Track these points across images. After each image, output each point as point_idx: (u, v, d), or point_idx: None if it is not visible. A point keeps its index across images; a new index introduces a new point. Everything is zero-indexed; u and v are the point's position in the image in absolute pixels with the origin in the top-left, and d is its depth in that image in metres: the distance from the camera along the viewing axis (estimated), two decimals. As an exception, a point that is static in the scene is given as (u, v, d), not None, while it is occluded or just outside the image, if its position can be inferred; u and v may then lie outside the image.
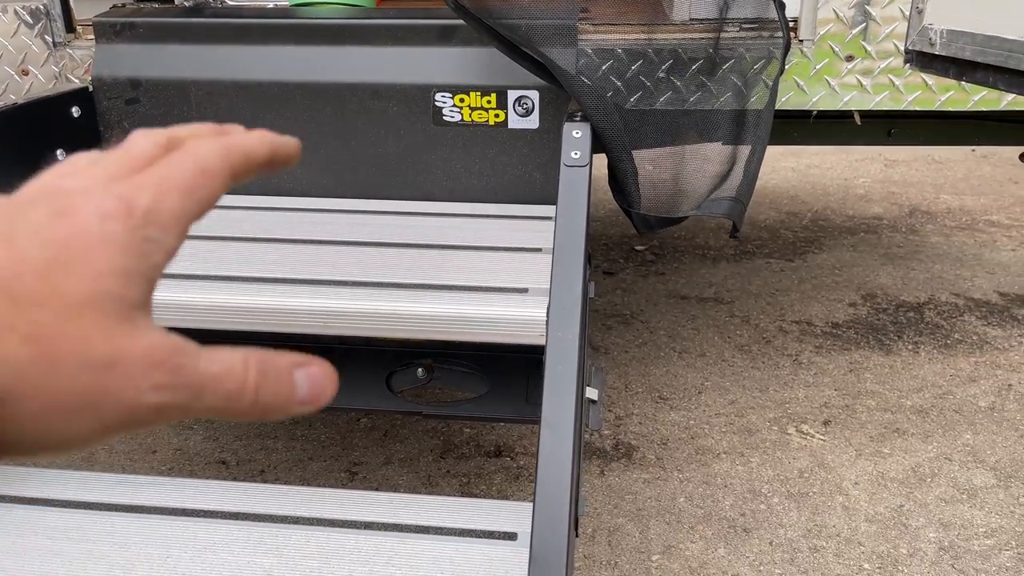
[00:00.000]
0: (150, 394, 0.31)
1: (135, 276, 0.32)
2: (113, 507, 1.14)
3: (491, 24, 1.25)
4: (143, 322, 0.32)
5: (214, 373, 0.33)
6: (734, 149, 1.29)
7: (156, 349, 0.31)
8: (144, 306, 0.32)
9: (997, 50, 1.01)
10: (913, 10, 1.16)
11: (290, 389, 0.35)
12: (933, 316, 2.40)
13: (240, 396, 0.33)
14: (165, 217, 0.33)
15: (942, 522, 1.56)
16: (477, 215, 1.43)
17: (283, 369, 0.35)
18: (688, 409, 1.93)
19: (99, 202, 0.32)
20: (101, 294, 0.31)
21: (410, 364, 1.38)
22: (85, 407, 0.30)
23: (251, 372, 0.34)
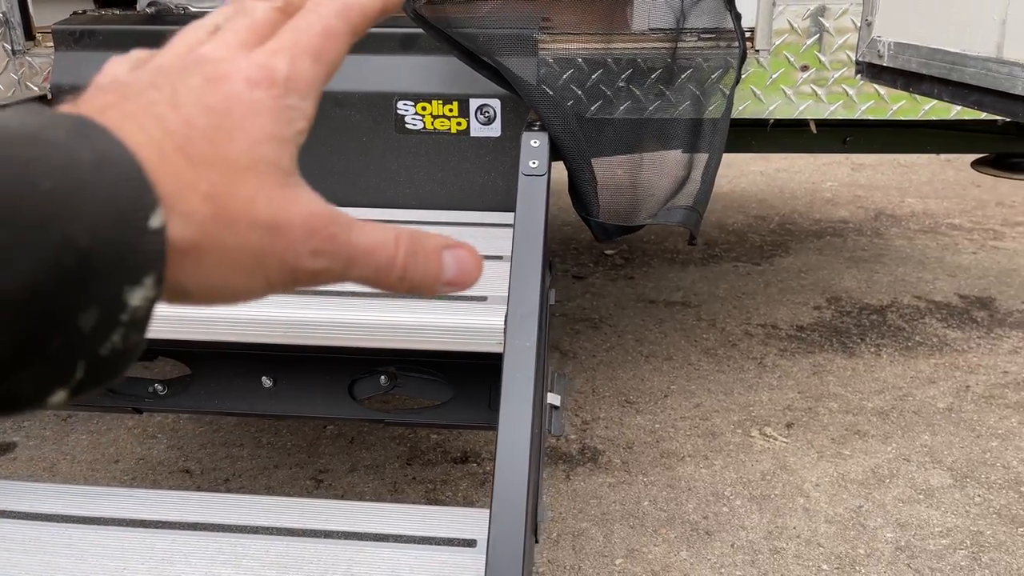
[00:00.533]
0: (308, 259, 0.33)
1: (285, 142, 0.34)
2: (71, 519, 1.13)
3: (450, 34, 1.26)
4: (300, 189, 0.34)
5: (365, 246, 0.34)
6: (691, 157, 1.31)
7: (314, 217, 0.33)
8: (295, 172, 0.34)
9: (940, 62, 1.04)
10: (863, 22, 1.18)
11: (438, 268, 0.36)
12: (895, 319, 2.44)
13: (389, 271, 0.35)
14: (302, 84, 0.35)
15: (899, 522, 1.59)
16: (439, 222, 1.44)
17: (431, 250, 0.36)
18: (654, 413, 1.95)
19: (245, 71, 0.33)
20: (259, 160, 0.33)
21: (372, 372, 1.39)
22: (255, 264, 0.32)
23: (401, 249, 0.35)
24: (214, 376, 1.39)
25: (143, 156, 0.30)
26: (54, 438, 1.87)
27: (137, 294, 0.28)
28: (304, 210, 0.33)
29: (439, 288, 0.37)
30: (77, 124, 0.29)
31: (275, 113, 0.33)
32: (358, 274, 0.35)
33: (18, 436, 1.88)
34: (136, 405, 1.40)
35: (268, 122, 0.33)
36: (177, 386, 1.41)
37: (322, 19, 0.37)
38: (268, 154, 0.33)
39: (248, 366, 1.38)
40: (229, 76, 0.33)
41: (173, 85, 0.33)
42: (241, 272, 0.32)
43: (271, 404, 1.38)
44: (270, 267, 0.32)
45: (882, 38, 1.15)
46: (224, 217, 0.31)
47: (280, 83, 0.34)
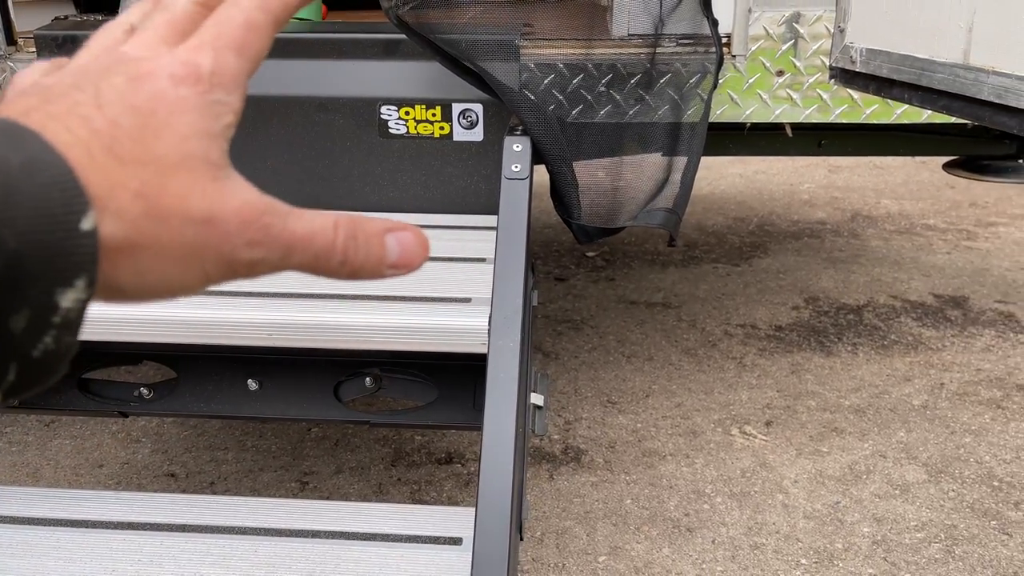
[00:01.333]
0: (244, 249, 0.33)
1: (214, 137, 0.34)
2: (58, 522, 1.14)
3: (432, 39, 1.28)
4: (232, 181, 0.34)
5: (303, 233, 0.34)
6: (670, 160, 1.34)
7: (247, 207, 0.33)
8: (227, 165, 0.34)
9: (911, 68, 1.07)
10: (836, 29, 1.21)
11: (380, 251, 0.36)
12: (872, 318, 2.49)
13: (329, 256, 0.35)
14: (227, 78, 0.35)
15: (876, 517, 1.63)
16: (423, 225, 1.46)
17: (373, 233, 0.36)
18: (636, 412, 1.98)
19: (169, 68, 0.33)
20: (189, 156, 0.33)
21: (357, 373, 1.40)
22: (190, 258, 0.32)
23: (340, 234, 0.35)
24: (200, 379, 1.40)
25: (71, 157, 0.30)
26: (37, 443, 1.87)
27: (69, 296, 0.28)
28: (237, 202, 0.33)
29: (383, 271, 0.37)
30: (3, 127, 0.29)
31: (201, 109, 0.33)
32: (297, 261, 0.35)
33: (0, 441, 1.88)
34: (122, 409, 1.41)
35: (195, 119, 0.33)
36: (163, 389, 1.41)
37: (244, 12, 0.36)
38: (197, 150, 0.33)
39: (233, 369, 1.38)
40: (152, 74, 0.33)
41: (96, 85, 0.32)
42: (177, 267, 0.32)
43: (257, 407, 1.39)
44: (207, 260, 0.33)
45: (854, 44, 1.18)
46: (156, 214, 0.31)
47: (205, 79, 0.34)
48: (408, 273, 0.37)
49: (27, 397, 0.30)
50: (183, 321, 1.15)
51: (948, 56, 1.02)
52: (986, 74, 0.98)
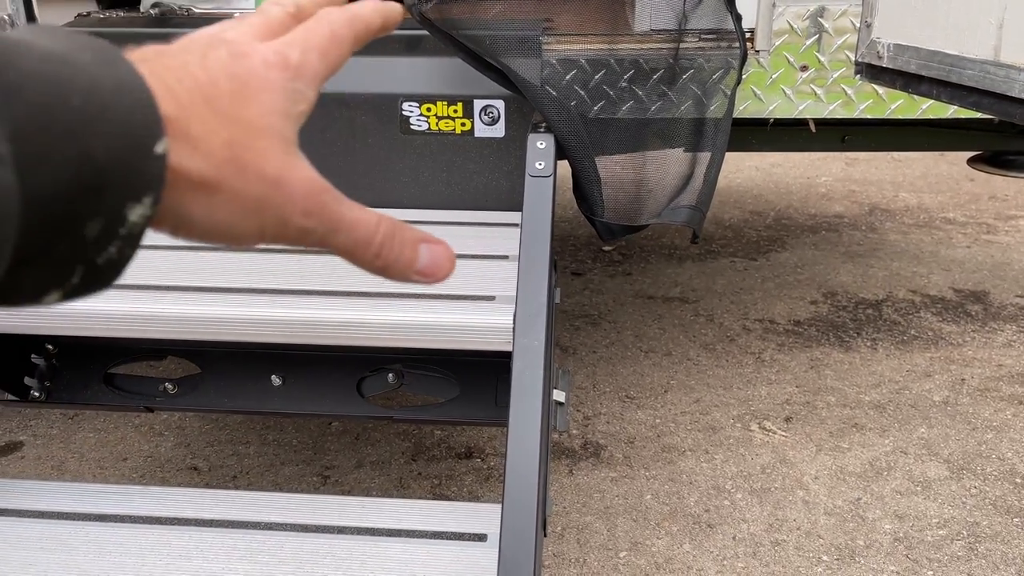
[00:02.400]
0: (300, 216, 0.37)
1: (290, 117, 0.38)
2: (88, 516, 1.15)
3: (456, 36, 1.28)
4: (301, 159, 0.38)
5: (350, 219, 0.38)
6: (694, 156, 1.33)
7: (311, 182, 0.37)
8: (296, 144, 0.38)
9: (939, 64, 1.06)
10: (862, 24, 1.20)
11: (412, 256, 0.40)
12: (891, 313, 2.47)
13: (367, 246, 0.39)
14: (308, 73, 0.39)
15: (897, 514, 1.62)
16: (445, 222, 1.46)
17: (409, 239, 0.40)
18: (654, 408, 1.98)
19: (263, 54, 0.38)
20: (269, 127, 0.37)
21: (380, 369, 1.41)
22: (255, 210, 0.36)
23: (381, 230, 0.39)
24: (224, 375, 1.41)
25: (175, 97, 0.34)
26: (61, 436, 1.89)
27: (136, 211, 0.32)
28: (304, 175, 0.37)
29: (410, 275, 0.41)
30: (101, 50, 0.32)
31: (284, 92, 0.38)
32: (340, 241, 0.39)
33: (25, 435, 1.90)
34: (147, 404, 1.42)
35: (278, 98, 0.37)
36: (187, 385, 1.42)
37: (331, 25, 0.41)
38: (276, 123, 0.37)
39: (257, 364, 1.39)
40: (249, 55, 0.37)
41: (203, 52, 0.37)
42: (242, 215, 0.36)
43: (280, 402, 1.40)
44: (267, 216, 0.36)
45: (881, 39, 1.18)
46: (238, 163, 0.35)
47: (292, 68, 0.38)
48: (432, 283, 0.41)
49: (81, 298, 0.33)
50: (208, 318, 1.16)
51: (978, 52, 1.01)
52: (1017, 71, 0.97)
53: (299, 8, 0.43)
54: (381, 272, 0.40)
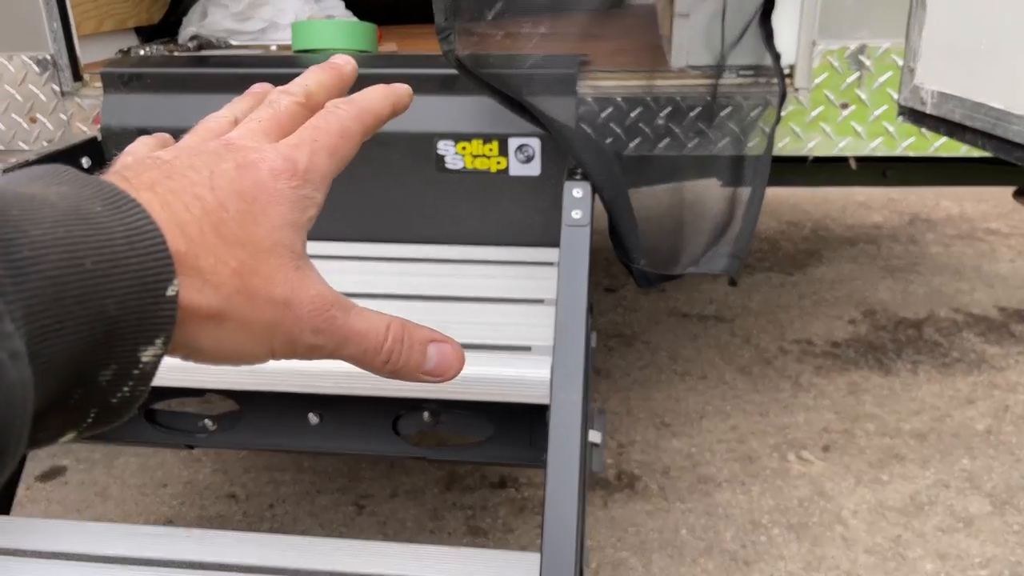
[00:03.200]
0: (309, 334, 0.37)
1: (299, 228, 0.38)
2: (129, 560, 1.17)
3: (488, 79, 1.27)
4: (310, 272, 0.38)
5: (359, 330, 0.39)
6: (731, 199, 1.32)
7: (319, 298, 0.38)
8: (306, 256, 0.39)
9: (985, 117, 1.04)
10: (905, 68, 1.18)
11: (420, 359, 0.41)
12: (932, 333, 2.43)
13: (375, 355, 0.39)
14: (317, 176, 0.39)
15: (939, 552, 1.60)
16: (479, 260, 1.46)
17: (417, 341, 0.41)
18: (690, 435, 1.96)
19: (271, 162, 0.38)
20: (278, 243, 0.37)
21: (416, 408, 1.42)
22: (264, 334, 0.37)
23: (390, 336, 0.40)
24: (262, 413, 1.43)
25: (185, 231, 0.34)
26: (104, 461, 1.92)
27: (148, 352, 0.32)
28: (312, 292, 0.37)
29: (419, 376, 0.41)
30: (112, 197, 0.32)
31: (293, 202, 0.37)
32: (349, 353, 0.39)
33: (68, 460, 1.94)
34: (187, 441, 1.44)
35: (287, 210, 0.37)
36: (226, 422, 1.44)
37: (340, 120, 0.41)
38: (285, 239, 0.37)
39: (295, 403, 1.41)
40: (256, 164, 0.37)
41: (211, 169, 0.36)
42: (252, 339, 0.36)
43: (317, 441, 1.41)
44: (276, 338, 0.37)
45: (924, 86, 1.15)
46: (247, 291, 0.35)
47: (300, 174, 0.38)
48: (440, 382, 0.42)
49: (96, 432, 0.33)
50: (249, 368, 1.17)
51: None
52: (1069, 129, 0.94)
53: (308, 96, 0.43)
54: (391, 376, 0.41)
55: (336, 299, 0.39)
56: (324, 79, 0.45)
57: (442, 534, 1.68)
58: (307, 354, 0.38)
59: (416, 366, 0.41)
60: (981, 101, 1.05)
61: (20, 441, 0.27)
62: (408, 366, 0.40)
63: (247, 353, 0.37)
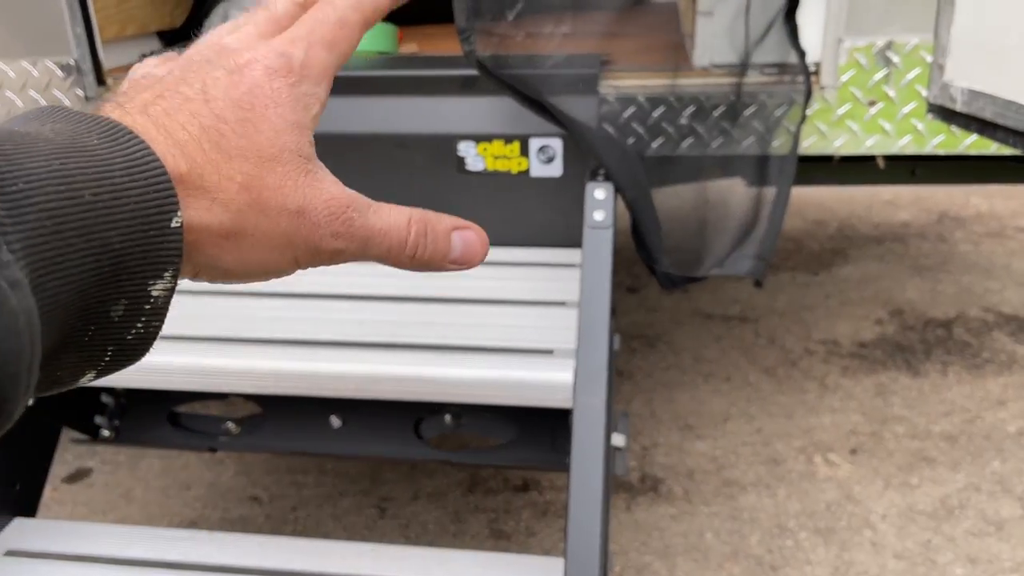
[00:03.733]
0: (329, 239, 0.37)
1: (303, 129, 0.37)
2: (152, 563, 1.18)
3: (510, 80, 1.26)
4: (321, 173, 0.37)
5: (380, 228, 0.38)
6: (756, 200, 1.30)
7: (334, 201, 0.37)
8: (315, 156, 0.37)
9: (1016, 115, 1.01)
10: (934, 65, 1.15)
11: (446, 248, 0.40)
12: (962, 333, 2.39)
13: (401, 250, 0.39)
14: (316, 71, 0.38)
15: (969, 557, 1.57)
16: (501, 262, 1.45)
17: (442, 231, 0.40)
18: (714, 438, 1.94)
19: (264, 60, 0.36)
20: (284, 149, 0.36)
21: (438, 411, 1.41)
22: (284, 245, 0.36)
23: (412, 230, 0.39)
24: (285, 416, 1.43)
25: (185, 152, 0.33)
26: (128, 464, 1.94)
27: (159, 286, 0.32)
28: (326, 195, 0.36)
29: (447, 266, 0.41)
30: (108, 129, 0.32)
31: (293, 101, 0.36)
32: (375, 253, 0.38)
33: (93, 462, 1.96)
34: (210, 444, 1.44)
35: (287, 110, 0.36)
36: (249, 425, 1.45)
37: (338, 11, 0.39)
38: (290, 142, 0.36)
39: (317, 406, 1.41)
40: (249, 66, 0.36)
41: (203, 80, 0.35)
42: (274, 251, 0.36)
43: (340, 444, 1.41)
44: (298, 247, 0.36)
45: (954, 83, 1.13)
46: (258, 204, 0.34)
47: (296, 70, 0.37)
48: (467, 268, 0.41)
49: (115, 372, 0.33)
50: (270, 371, 1.17)
51: (1062, 105, 0.96)
52: (1106, 126, 0.91)
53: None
54: (419, 269, 0.40)
55: (352, 199, 0.38)
56: None
57: (465, 537, 1.67)
58: (332, 259, 0.38)
59: (443, 255, 0.40)
60: (1012, 99, 1.02)
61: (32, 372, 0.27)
62: (436, 257, 0.40)
63: (272, 266, 0.36)
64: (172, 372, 1.18)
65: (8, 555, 1.18)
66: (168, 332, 1.25)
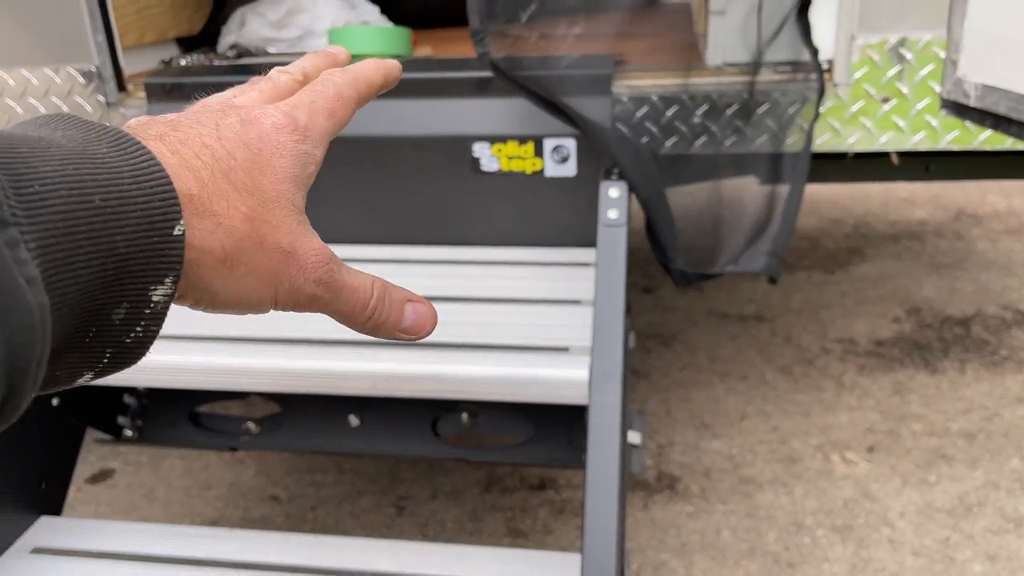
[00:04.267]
0: (311, 285, 0.39)
1: (300, 184, 0.40)
2: (175, 560, 1.20)
3: (524, 83, 1.28)
4: (309, 227, 0.40)
5: (352, 285, 0.41)
6: (770, 197, 1.30)
7: (320, 251, 0.40)
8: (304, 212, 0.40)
9: (1033, 109, 1.01)
10: (948, 61, 1.16)
11: (399, 317, 0.43)
12: (980, 331, 2.37)
13: (363, 310, 0.41)
14: (316, 134, 0.41)
15: (988, 554, 1.56)
16: (515, 262, 1.46)
17: (397, 300, 0.43)
18: (731, 436, 1.94)
19: (273, 117, 0.40)
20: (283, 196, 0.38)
21: (455, 409, 1.42)
22: (270, 281, 0.38)
23: (375, 294, 0.42)
24: (303, 415, 1.44)
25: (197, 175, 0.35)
26: (150, 464, 1.96)
27: (159, 291, 0.33)
28: (315, 244, 0.39)
29: (396, 334, 0.43)
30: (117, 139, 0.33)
31: (294, 156, 0.39)
32: (338, 307, 0.41)
33: (116, 462, 1.98)
34: (231, 444, 1.46)
35: (290, 163, 0.39)
36: (269, 424, 1.46)
37: (336, 86, 0.43)
38: (288, 192, 0.38)
39: (335, 405, 1.42)
40: (260, 119, 0.39)
41: (216, 122, 0.38)
42: (260, 285, 0.37)
43: (358, 443, 1.42)
44: (281, 285, 0.38)
45: (967, 78, 1.13)
46: (257, 237, 0.37)
47: (300, 130, 0.40)
48: (415, 340, 0.44)
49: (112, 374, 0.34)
50: (290, 371, 1.19)
51: (1076, 98, 0.96)
52: (1120, 119, 0.92)
53: (306, 76, 0.46)
54: (372, 332, 0.43)
55: (333, 255, 0.40)
56: (320, 62, 0.48)
57: (482, 535, 1.68)
58: (306, 304, 0.40)
59: (395, 324, 0.42)
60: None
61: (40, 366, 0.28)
62: (388, 323, 0.42)
63: (254, 299, 0.38)
64: (195, 371, 1.20)
65: (35, 552, 1.21)
66: (190, 332, 1.27)
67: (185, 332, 1.27)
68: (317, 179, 0.45)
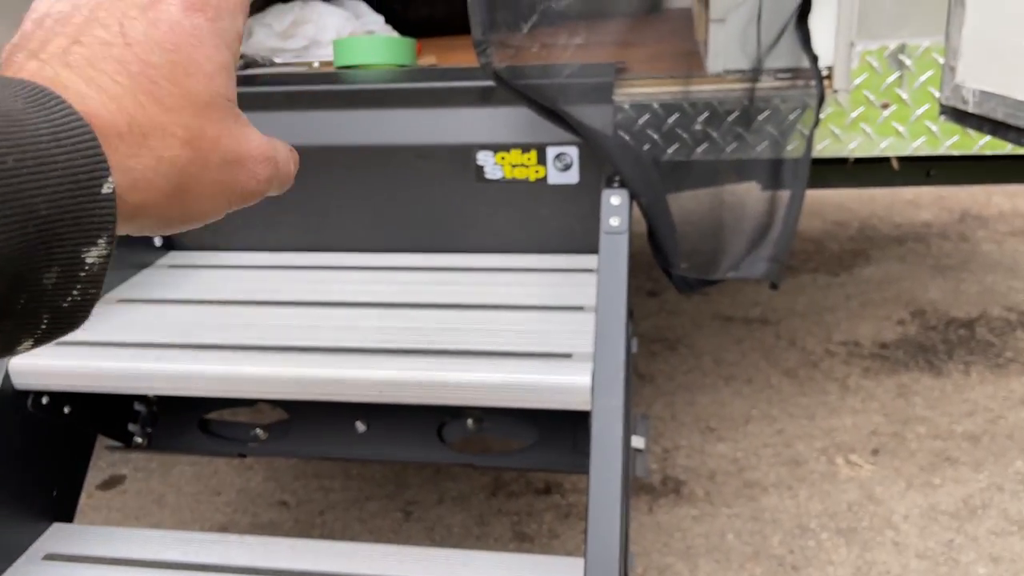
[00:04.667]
0: (263, 184, 0.39)
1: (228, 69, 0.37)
2: (185, 566, 1.21)
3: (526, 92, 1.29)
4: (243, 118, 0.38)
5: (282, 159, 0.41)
6: (770, 203, 1.31)
7: (263, 148, 0.39)
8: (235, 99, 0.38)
9: (1029, 115, 1.02)
10: (946, 67, 1.17)
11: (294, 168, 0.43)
12: (984, 333, 2.38)
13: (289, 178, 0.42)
14: (231, 3, 0.37)
15: (992, 556, 1.57)
16: (519, 268, 1.48)
17: (290, 152, 0.43)
18: (735, 440, 1.95)
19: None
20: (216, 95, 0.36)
21: (461, 415, 1.44)
22: (222, 193, 0.37)
23: (293, 158, 0.42)
24: (311, 421, 1.46)
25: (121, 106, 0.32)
26: (160, 471, 1.98)
27: (93, 253, 0.31)
28: (256, 141, 0.38)
29: None
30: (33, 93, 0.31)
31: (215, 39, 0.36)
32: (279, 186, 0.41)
33: (127, 468, 2.00)
34: (240, 450, 1.48)
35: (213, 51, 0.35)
36: (276, 431, 1.48)
37: None
38: (221, 87, 0.36)
39: (342, 412, 1.44)
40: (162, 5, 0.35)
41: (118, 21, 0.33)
42: (213, 200, 0.37)
43: (364, 449, 1.44)
44: (233, 193, 0.38)
45: (966, 84, 1.14)
46: (201, 159, 0.35)
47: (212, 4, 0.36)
48: None
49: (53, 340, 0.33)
50: (297, 378, 1.21)
51: (1072, 105, 0.97)
52: (1115, 125, 0.93)
53: None
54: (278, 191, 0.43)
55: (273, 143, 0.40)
56: None
57: (488, 540, 1.70)
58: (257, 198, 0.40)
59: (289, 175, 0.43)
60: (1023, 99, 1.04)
61: None
62: (289, 177, 0.43)
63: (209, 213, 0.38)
64: (204, 379, 1.22)
65: (47, 559, 1.22)
66: (200, 341, 1.29)
67: (194, 341, 1.29)
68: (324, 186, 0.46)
